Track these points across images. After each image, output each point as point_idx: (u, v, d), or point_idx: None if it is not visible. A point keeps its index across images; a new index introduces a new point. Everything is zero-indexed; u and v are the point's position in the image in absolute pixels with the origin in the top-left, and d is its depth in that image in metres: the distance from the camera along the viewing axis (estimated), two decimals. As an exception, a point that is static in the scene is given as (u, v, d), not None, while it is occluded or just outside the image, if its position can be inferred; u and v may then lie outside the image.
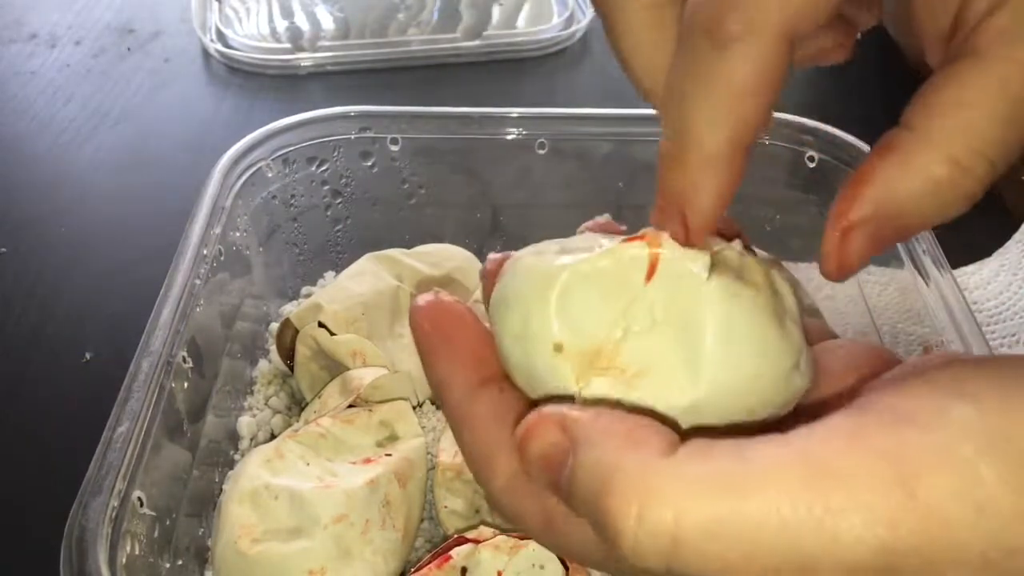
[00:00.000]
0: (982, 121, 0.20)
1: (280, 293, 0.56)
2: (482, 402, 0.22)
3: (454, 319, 0.23)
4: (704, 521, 0.16)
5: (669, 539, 0.16)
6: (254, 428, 0.49)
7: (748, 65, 0.20)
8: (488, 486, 0.21)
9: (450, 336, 0.23)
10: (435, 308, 0.23)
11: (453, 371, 0.22)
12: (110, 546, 0.33)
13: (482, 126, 0.54)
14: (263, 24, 0.84)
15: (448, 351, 0.23)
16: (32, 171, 0.69)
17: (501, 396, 0.22)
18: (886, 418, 0.17)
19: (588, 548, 0.20)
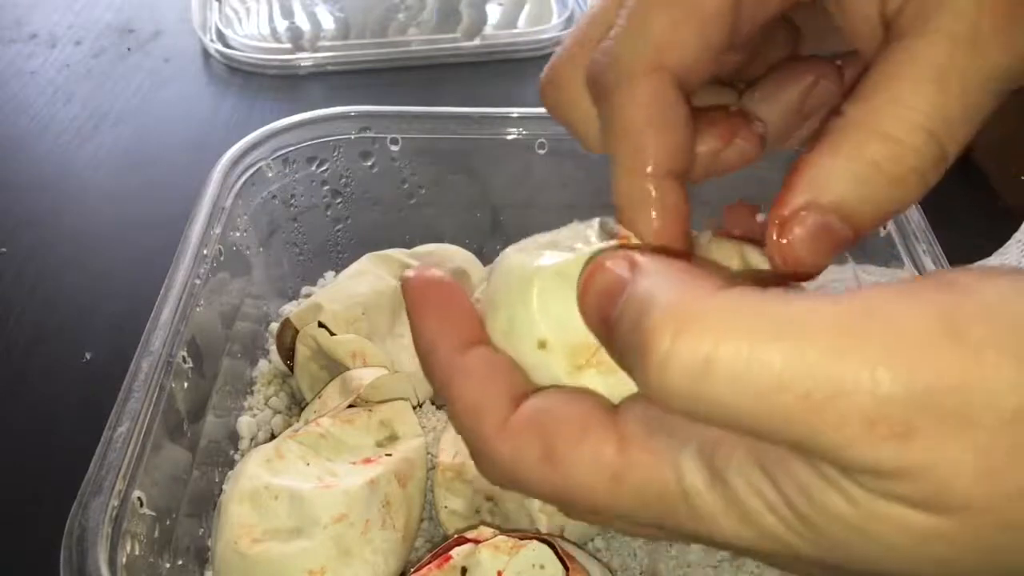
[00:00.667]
0: (909, 92, 0.19)
1: (280, 293, 0.56)
2: (473, 356, 0.22)
3: (445, 288, 0.24)
4: (743, 347, 0.16)
5: (702, 360, 0.16)
6: (254, 428, 0.49)
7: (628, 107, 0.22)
8: (479, 434, 0.21)
9: (441, 301, 0.23)
10: (426, 278, 0.24)
11: (443, 331, 0.23)
12: (110, 546, 0.34)
13: (482, 126, 0.54)
14: (263, 24, 0.84)
15: (438, 313, 0.23)
16: (32, 171, 0.69)
17: (492, 354, 0.22)
18: (934, 280, 0.17)
19: (592, 477, 0.19)
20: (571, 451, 0.20)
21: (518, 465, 0.20)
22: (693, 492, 0.19)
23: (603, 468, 0.19)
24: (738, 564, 0.43)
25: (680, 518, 0.19)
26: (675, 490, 0.19)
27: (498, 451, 0.21)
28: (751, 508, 0.18)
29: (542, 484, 0.20)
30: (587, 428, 0.20)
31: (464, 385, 0.22)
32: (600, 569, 0.38)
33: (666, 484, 0.19)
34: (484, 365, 0.22)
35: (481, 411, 0.21)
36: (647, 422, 0.20)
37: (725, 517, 0.18)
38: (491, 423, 0.21)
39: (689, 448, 0.19)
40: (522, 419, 0.21)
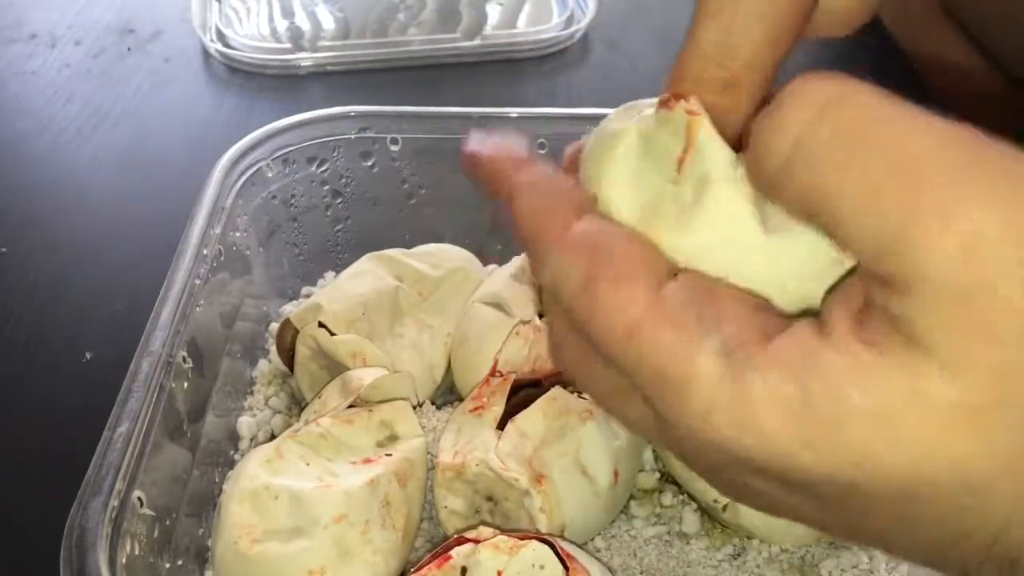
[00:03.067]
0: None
1: (280, 293, 0.56)
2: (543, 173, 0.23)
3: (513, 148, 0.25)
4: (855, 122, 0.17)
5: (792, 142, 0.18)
6: (254, 428, 0.49)
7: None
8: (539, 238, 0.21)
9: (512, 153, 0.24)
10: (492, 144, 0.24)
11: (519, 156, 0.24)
12: (110, 546, 0.34)
13: (482, 126, 0.54)
14: (263, 24, 0.84)
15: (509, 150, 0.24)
16: (32, 171, 0.69)
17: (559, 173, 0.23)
18: None
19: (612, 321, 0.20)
20: (607, 289, 0.20)
21: (562, 279, 0.21)
22: (702, 380, 0.18)
23: (624, 318, 0.19)
24: (739, 564, 0.43)
25: (675, 400, 0.19)
26: (682, 369, 0.18)
27: (550, 259, 0.21)
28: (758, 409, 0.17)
29: (572, 301, 0.20)
30: (632, 275, 0.20)
31: (528, 191, 0.22)
32: (600, 569, 0.38)
33: (675, 359, 0.19)
34: (552, 179, 0.23)
35: (544, 215, 0.22)
36: (688, 298, 0.19)
37: (721, 413, 0.18)
38: (553, 229, 0.21)
39: (713, 340, 0.18)
40: (580, 232, 0.21)
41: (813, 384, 0.17)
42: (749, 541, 0.44)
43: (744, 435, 0.18)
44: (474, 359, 0.47)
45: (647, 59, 0.80)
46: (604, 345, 0.20)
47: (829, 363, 0.17)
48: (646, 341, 0.19)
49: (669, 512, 0.45)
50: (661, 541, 0.44)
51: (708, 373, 0.18)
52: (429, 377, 0.50)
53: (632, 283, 0.19)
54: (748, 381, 0.18)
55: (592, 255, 0.20)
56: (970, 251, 0.16)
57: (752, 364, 0.18)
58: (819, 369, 0.17)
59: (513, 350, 0.45)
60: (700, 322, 0.19)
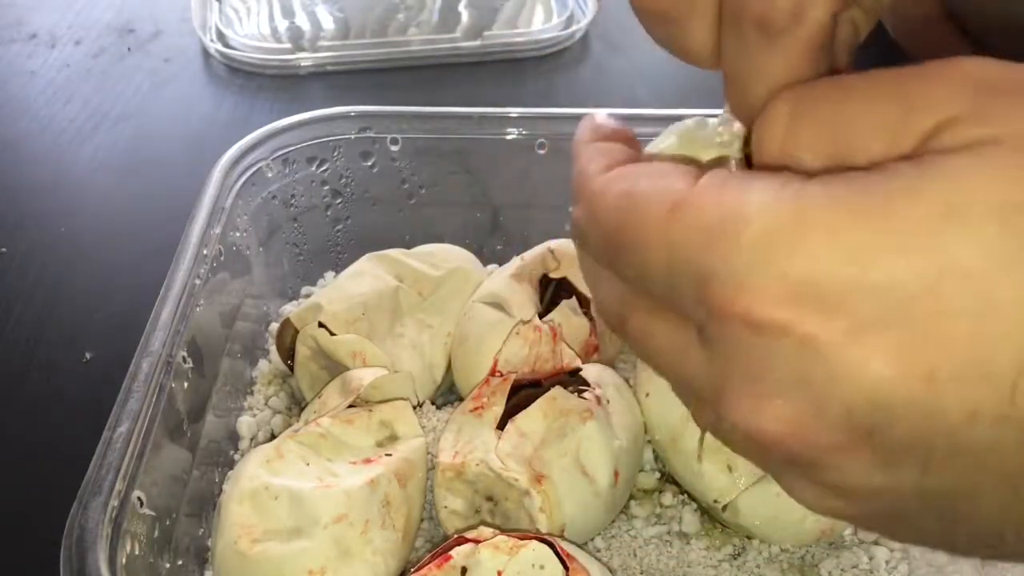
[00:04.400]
0: None
1: (280, 293, 0.56)
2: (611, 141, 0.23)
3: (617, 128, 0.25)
4: None
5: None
6: (254, 428, 0.49)
7: (796, 52, 0.21)
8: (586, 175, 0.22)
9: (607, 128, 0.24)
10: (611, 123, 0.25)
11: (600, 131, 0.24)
12: (110, 546, 0.34)
13: (482, 126, 0.54)
14: (263, 24, 0.84)
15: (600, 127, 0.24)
16: (32, 171, 0.69)
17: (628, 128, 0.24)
18: None
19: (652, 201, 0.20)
20: (648, 184, 0.20)
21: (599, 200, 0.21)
22: (757, 208, 0.17)
23: (668, 196, 0.19)
24: (739, 564, 0.43)
25: (726, 244, 0.18)
26: (734, 211, 0.18)
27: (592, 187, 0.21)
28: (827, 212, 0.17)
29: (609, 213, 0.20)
30: (672, 172, 0.20)
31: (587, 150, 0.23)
32: (600, 569, 0.38)
33: (730, 205, 0.18)
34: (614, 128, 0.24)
35: (594, 159, 0.22)
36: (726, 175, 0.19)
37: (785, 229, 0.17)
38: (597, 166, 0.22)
39: (765, 179, 0.18)
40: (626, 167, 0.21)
41: (881, 180, 0.17)
42: (749, 541, 0.44)
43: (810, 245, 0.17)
44: (474, 359, 0.47)
45: (647, 59, 0.80)
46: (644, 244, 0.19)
47: (892, 167, 0.17)
48: (692, 210, 0.18)
49: (669, 512, 0.45)
50: (661, 541, 0.44)
51: (762, 203, 0.17)
52: (429, 377, 0.50)
53: (671, 177, 0.20)
54: (807, 195, 0.17)
55: (632, 174, 0.21)
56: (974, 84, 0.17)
57: (807, 186, 0.18)
58: (883, 172, 0.17)
59: (513, 350, 0.45)
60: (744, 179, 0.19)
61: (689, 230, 0.18)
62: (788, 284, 0.17)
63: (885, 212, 0.17)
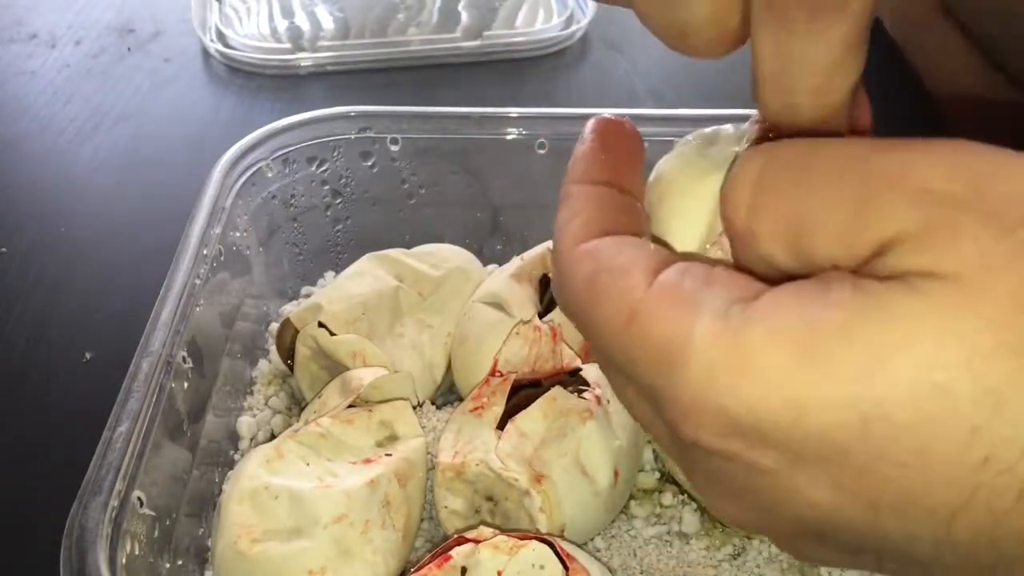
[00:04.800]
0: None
1: (280, 293, 0.56)
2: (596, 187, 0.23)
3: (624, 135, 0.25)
4: None
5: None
6: (254, 428, 0.49)
7: (844, 37, 0.20)
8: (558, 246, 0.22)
9: (609, 141, 0.25)
10: (615, 122, 0.25)
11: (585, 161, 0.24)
12: (110, 546, 0.34)
13: (482, 126, 0.54)
14: (263, 24, 0.84)
15: (599, 148, 0.25)
16: (32, 171, 0.69)
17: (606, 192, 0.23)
18: None
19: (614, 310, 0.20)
20: (608, 282, 0.20)
21: (569, 283, 0.21)
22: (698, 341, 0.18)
23: (626, 305, 0.19)
24: (739, 564, 0.43)
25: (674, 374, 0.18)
26: (679, 339, 0.18)
27: (562, 265, 0.22)
28: (759, 358, 0.17)
29: (577, 304, 0.21)
30: (633, 267, 0.20)
31: (568, 206, 0.23)
32: (600, 569, 0.38)
33: (673, 332, 0.18)
34: (596, 197, 0.23)
35: (567, 226, 0.22)
36: (681, 276, 0.19)
37: (723, 374, 0.18)
38: (569, 240, 0.22)
39: (712, 303, 0.18)
40: (592, 245, 0.21)
41: (816, 313, 0.17)
42: (749, 541, 0.44)
43: (747, 389, 0.17)
44: (474, 359, 0.47)
45: (647, 59, 0.80)
46: (606, 342, 0.20)
47: (831, 294, 0.17)
48: (644, 323, 0.19)
49: (669, 512, 0.45)
50: (661, 541, 0.44)
51: (704, 335, 0.18)
52: (429, 377, 0.50)
53: (631, 274, 0.20)
54: (747, 332, 0.17)
55: (596, 257, 0.21)
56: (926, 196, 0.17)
57: (749, 315, 0.18)
58: (820, 301, 0.17)
59: (513, 350, 0.45)
60: (696, 293, 0.19)
61: (642, 345, 0.19)
62: (729, 418, 0.18)
63: (820, 356, 0.17)
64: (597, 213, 0.23)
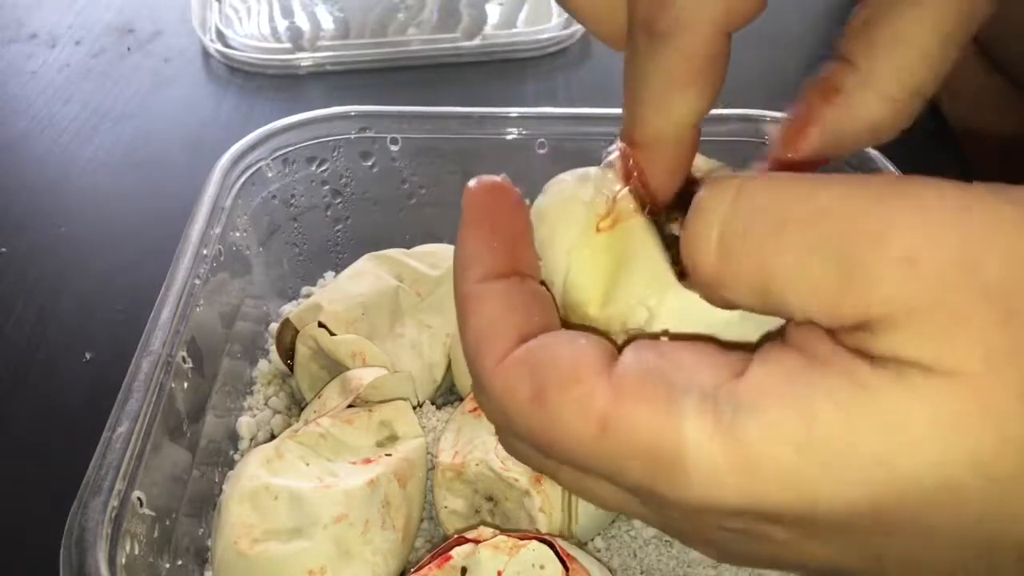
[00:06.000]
0: (917, 61, 0.21)
1: (280, 293, 0.56)
2: (499, 285, 0.22)
3: (504, 204, 0.23)
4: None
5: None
6: (254, 428, 0.49)
7: (679, 58, 0.21)
8: (482, 365, 0.21)
9: (495, 219, 0.23)
10: (490, 187, 0.24)
11: (480, 253, 0.22)
12: (110, 546, 0.33)
13: (482, 126, 0.54)
14: (263, 24, 0.84)
15: (485, 233, 0.23)
16: (32, 171, 0.69)
17: (522, 285, 0.22)
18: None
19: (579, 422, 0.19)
20: (559, 394, 0.19)
21: (507, 401, 0.20)
22: (693, 447, 0.17)
23: (591, 414, 0.18)
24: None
25: (675, 479, 0.18)
26: (670, 443, 0.18)
27: (493, 384, 0.20)
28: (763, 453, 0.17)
29: (529, 424, 0.20)
30: (580, 372, 0.19)
31: (476, 312, 0.21)
32: (600, 569, 0.38)
33: (660, 434, 0.18)
34: (503, 297, 0.22)
35: (485, 342, 0.21)
36: (645, 369, 0.19)
37: (729, 474, 0.17)
38: (493, 356, 0.20)
39: (691, 398, 0.18)
40: (519, 355, 0.20)
41: (815, 409, 0.17)
42: (749, 541, 0.44)
43: (758, 487, 0.17)
44: (474, 359, 0.47)
45: (647, 59, 0.80)
46: (577, 453, 0.19)
47: (826, 383, 0.17)
48: (623, 429, 0.18)
49: (669, 512, 0.45)
50: (661, 541, 0.44)
51: (698, 436, 0.17)
52: (429, 377, 0.50)
53: (582, 379, 0.19)
54: (743, 428, 0.17)
55: (532, 369, 0.20)
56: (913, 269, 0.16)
57: (738, 406, 0.17)
58: (817, 391, 0.17)
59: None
60: (668, 386, 0.18)
61: (625, 453, 0.18)
62: (739, 511, 0.18)
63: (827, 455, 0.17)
64: (509, 316, 0.21)
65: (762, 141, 0.50)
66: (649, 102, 0.22)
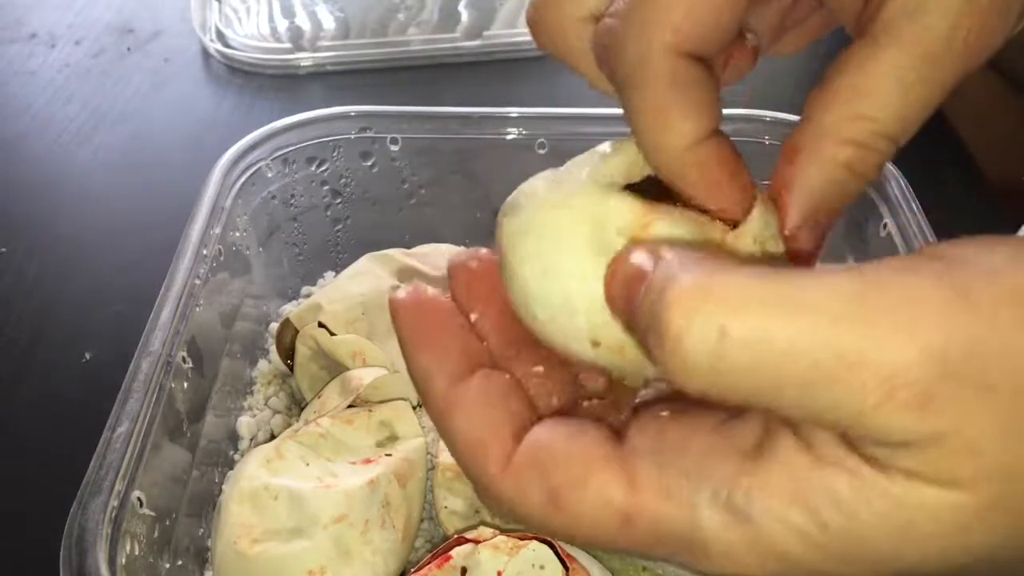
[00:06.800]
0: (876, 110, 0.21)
1: (280, 293, 0.56)
2: (471, 387, 0.21)
3: (437, 312, 0.23)
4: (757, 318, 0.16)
5: (717, 332, 0.16)
6: (254, 428, 0.49)
7: (641, 99, 0.22)
8: (482, 472, 0.21)
9: (433, 327, 0.22)
10: (417, 302, 0.23)
11: (439, 361, 0.22)
12: (110, 546, 0.34)
13: (482, 126, 0.54)
14: (263, 24, 0.84)
15: (433, 343, 0.22)
16: (32, 171, 0.69)
17: (490, 379, 0.22)
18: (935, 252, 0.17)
19: (601, 519, 0.19)
20: (576, 493, 0.19)
21: (522, 506, 0.20)
22: (711, 536, 0.18)
23: (612, 511, 0.19)
24: (738, 564, 0.43)
25: (697, 558, 0.19)
26: (691, 534, 0.19)
27: (501, 491, 0.20)
28: (777, 541, 0.18)
29: (548, 524, 0.20)
30: (591, 468, 0.19)
31: (463, 419, 0.21)
32: (600, 569, 0.38)
33: (681, 527, 0.19)
34: (481, 396, 0.21)
35: (482, 447, 0.21)
36: (658, 460, 0.19)
37: (748, 555, 0.18)
38: (493, 461, 0.20)
39: (704, 492, 0.19)
40: (524, 459, 0.20)
41: (821, 507, 0.17)
42: (749, 541, 0.44)
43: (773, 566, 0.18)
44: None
45: (647, 59, 0.80)
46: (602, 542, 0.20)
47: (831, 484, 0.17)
48: (645, 523, 0.19)
49: (669, 512, 0.45)
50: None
51: (715, 527, 0.18)
52: (429, 377, 0.49)
53: (595, 472, 0.19)
54: (755, 521, 0.18)
55: (541, 472, 0.20)
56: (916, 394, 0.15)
57: (751, 501, 0.18)
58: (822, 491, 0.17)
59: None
60: (682, 478, 0.19)
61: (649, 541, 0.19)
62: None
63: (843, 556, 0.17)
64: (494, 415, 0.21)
65: (761, 142, 0.51)
66: (643, 136, 0.22)
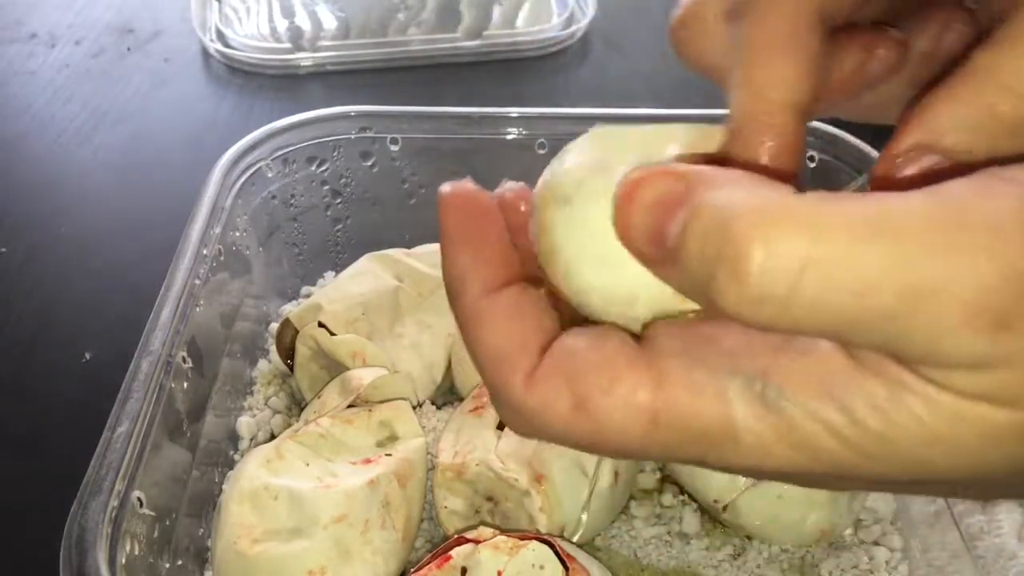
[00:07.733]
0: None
1: (280, 293, 0.56)
2: (503, 297, 0.21)
3: (483, 213, 0.22)
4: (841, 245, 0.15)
5: (801, 261, 0.15)
6: (254, 428, 0.49)
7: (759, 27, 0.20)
8: (506, 383, 0.20)
9: (477, 230, 0.22)
10: (465, 197, 0.22)
11: (475, 267, 0.21)
12: (110, 546, 0.34)
13: (482, 126, 0.54)
14: (263, 24, 0.84)
15: (473, 245, 0.22)
16: (32, 171, 0.69)
17: (524, 293, 0.21)
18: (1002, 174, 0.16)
19: (629, 421, 0.19)
20: (604, 398, 0.19)
21: (547, 416, 0.20)
22: (743, 426, 0.18)
23: (640, 411, 0.19)
24: (739, 564, 0.43)
25: (725, 452, 0.18)
26: (722, 426, 0.18)
27: (525, 404, 0.20)
28: (809, 433, 0.17)
29: (573, 433, 0.20)
30: (618, 371, 0.19)
31: (488, 330, 0.21)
32: (600, 569, 0.38)
33: (711, 420, 0.18)
34: (511, 308, 0.21)
35: (506, 360, 0.20)
36: (685, 356, 0.19)
37: (777, 446, 0.18)
38: (517, 373, 0.20)
39: (736, 381, 0.18)
40: (549, 368, 0.20)
41: (856, 407, 0.17)
42: (749, 541, 0.44)
43: (803, 460, 0.18)
44: (474, 359, 0.47)
45: (647, 59, 0.80)
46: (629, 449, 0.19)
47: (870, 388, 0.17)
48: (674, 420, 0.18)
49: (669, 512, 0.45)
50: (661, 541, 0.44)
51: (747, 418, 0.18)
52: (429, 377, 0.50)
53: (622, 377, 0.19)
54: (789, 414, 0.17)
55: (568, 379, 0.19)
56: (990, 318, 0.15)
57: (783, 394, 0.17)
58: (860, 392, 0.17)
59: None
60: (712, 372, 0.18)
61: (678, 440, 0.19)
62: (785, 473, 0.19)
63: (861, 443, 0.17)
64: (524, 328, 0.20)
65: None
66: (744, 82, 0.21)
